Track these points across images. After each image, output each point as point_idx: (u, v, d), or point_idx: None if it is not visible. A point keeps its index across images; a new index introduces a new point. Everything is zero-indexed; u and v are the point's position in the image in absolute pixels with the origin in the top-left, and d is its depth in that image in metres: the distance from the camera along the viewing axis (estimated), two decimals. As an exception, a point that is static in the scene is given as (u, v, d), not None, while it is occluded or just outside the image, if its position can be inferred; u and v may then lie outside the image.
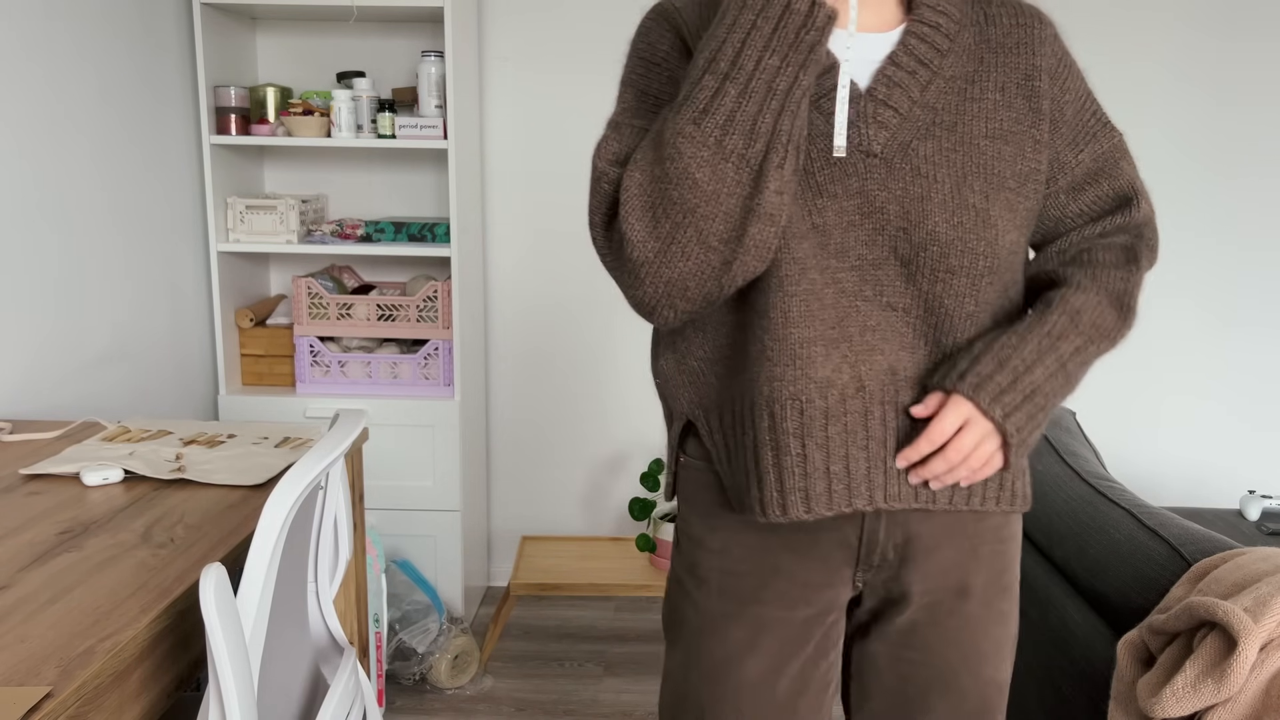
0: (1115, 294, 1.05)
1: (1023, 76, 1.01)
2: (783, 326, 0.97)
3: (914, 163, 0.96)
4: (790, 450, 0.98)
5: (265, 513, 1.10)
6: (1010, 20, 1.03)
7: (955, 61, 1.00)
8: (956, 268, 0.97)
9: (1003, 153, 0.99)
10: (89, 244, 2.19)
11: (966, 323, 1.00)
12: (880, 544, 1.04)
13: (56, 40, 2.06)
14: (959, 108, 0.99)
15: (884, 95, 0.97)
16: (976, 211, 0.96)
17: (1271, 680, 1.12)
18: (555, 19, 2.83)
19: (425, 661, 2.45)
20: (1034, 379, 0.98)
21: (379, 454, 2.65)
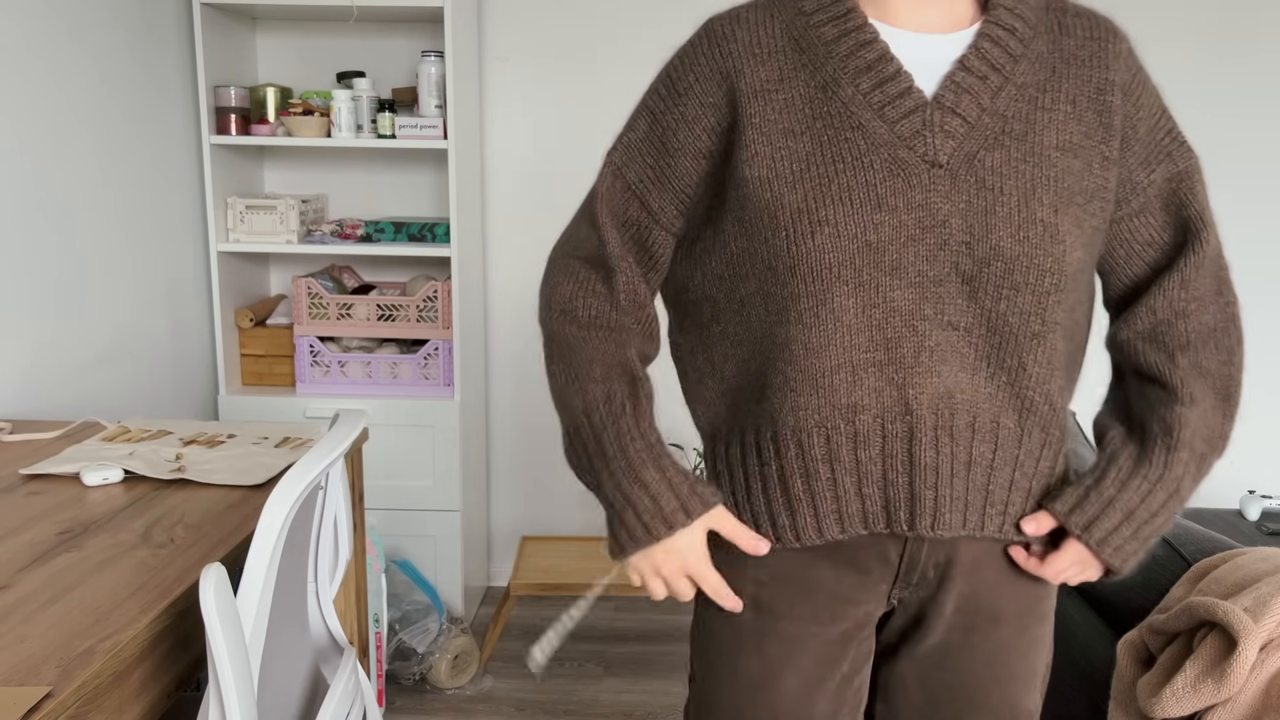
0: (1221, 385, 1.01)
1: (1095, 90, 0.97)
2: (804, 358, 0.95)
3: (980, 174, 0.93)
4: (820, 475, 0.97)
5: (265, 513, 1.10)
6: (1085, 32, 0.99)
7: (1028, 69, 0.96)
8: (1021, 284, 0.94)
9: (1072, 166, 0.95)
10: (89, 244, 2.19)
11: (1032, 342, 0.96)
12: (921, 563, 1.01)
13: (57, 40, 2.06)
14: (1030, 117, 0.95)
15: (952, 102, 0.94)
16: (1044, 226, 0.93)
17: (1271, 680, 1.12)
18: (555, 19, 2.83)
19: (425, 661, 2.45)
20: (1155, 526, 0.99)
21: (379, 454, 2.65)
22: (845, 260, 0.92)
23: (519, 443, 3.07)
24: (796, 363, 0.96)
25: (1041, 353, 0.96)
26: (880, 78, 0.94)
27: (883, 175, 0.93)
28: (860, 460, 0.96)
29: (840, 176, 0.93)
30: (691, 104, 1.00)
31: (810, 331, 0.94)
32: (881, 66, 0.94)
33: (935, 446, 0.95)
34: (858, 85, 0.95)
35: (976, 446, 0.96)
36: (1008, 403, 0.97)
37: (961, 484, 0.96)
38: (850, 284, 0.93)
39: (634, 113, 1.04)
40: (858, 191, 0.93)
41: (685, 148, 1.00)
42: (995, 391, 0.97)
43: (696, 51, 1.00)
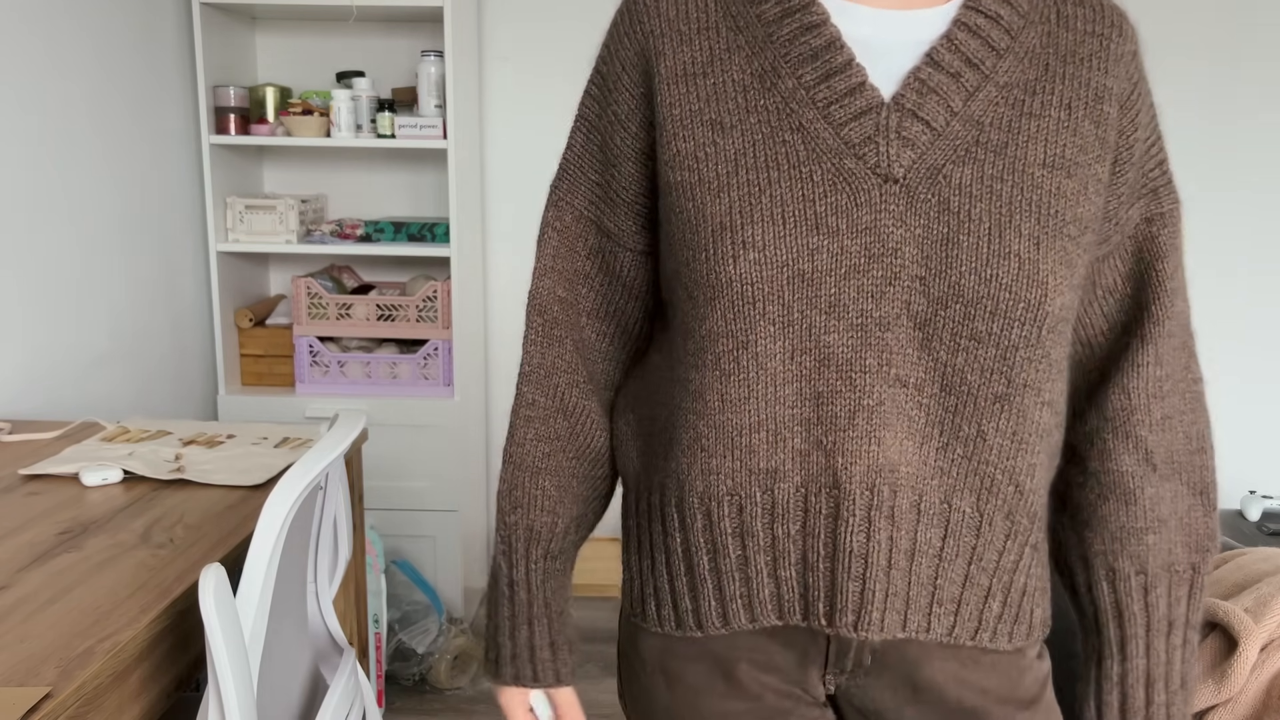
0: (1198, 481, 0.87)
1: (1093, 96, 0.79)
2: (719, 411, 0.79)
3: (944, 194, 0.75)
4: (729, 552, 0.81)
5: (265, 513, 1.09)
6: (1086, 25, 0.81)
7: (1014, 65, 0.79)
8: (984, 335, 0.75)
9: (1064, 188, 0.77)
10: (89, 244, 2.19)
11: (994, 407, 0.77)
12: (854, 648, 0.83)
13: (56, 40, 2.06)
14: (1012, 125, 0.77)
15: (914, 104, 0.77)
16: (1020, 262, 0.74)
17: (1272, 681, 1.11)
18: (555, 19, 2.83)
19: (425, 662, 2.45)
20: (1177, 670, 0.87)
21: (379, 454, 2.65)
22: (772, 294, 0.76)
23: (519, 443, 3.07)
24: (710, 416, 0.80)
25: (1006, 420, 0.78)
26: (827, 69, 0.78)
27: (823, 189, 0.76)
28: (777, 537, 0.79)
29: (773, 187, 0.76)
30: (623, 98, 0.85)
31: (729, 380, 0.78)
32: (829, 55, 0.78)
33: (867, 530, 0.77)
34: (800, 77, 0.78)
35: (922, 532, 0.78)
36: (962, 480, 0.79)
37: (901, 577, 0.78)
38: (777, 323, 0.76)
39: (572, 127, 0.90)
40: (791, 207, 0.75)
41: (626, 151, 0.85)
42: (948, 466, 0.78)
43: (619, 34, 0.85)
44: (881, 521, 0.77)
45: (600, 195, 0.88)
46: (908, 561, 0.78)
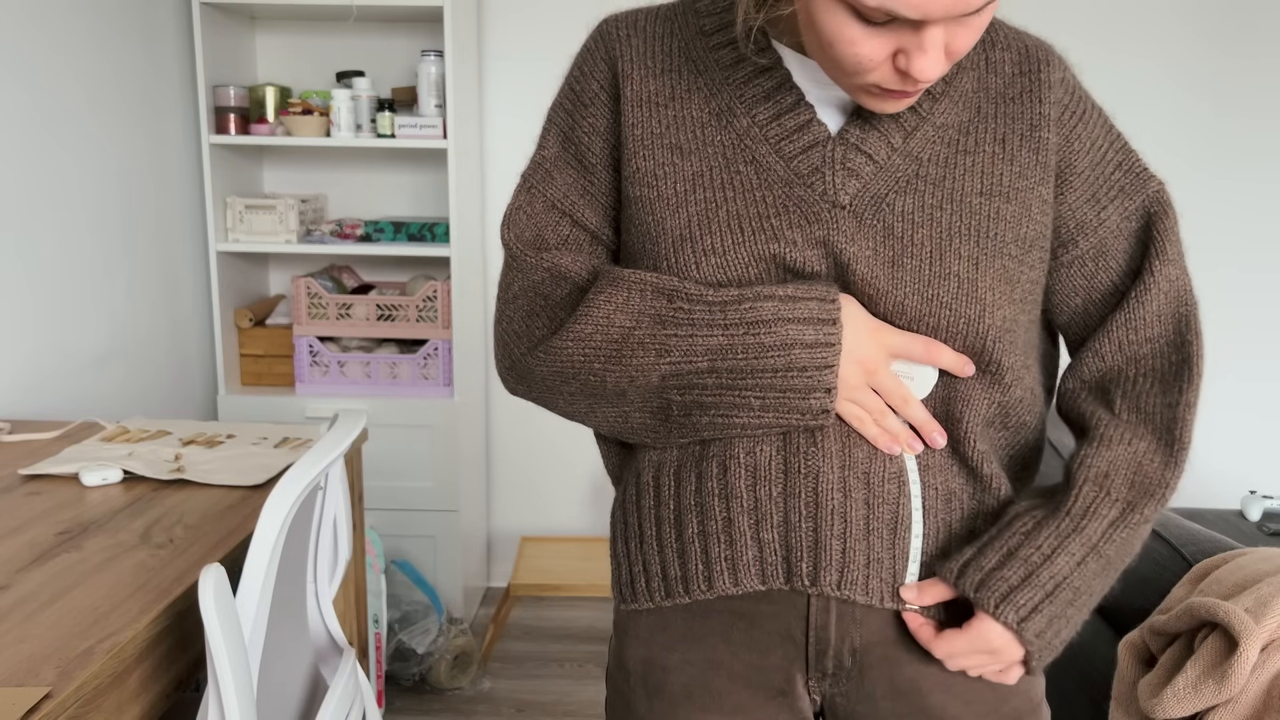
0: (1163, 428, 0.84)
1: (1028, 127, 0.85)
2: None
3: (888, 220, 0.81)
4: (715, 514, 0.83)
5: (264, 513, 1.09)
6: (1013, 68, 0.87)
7: (949, 108, 0.85)
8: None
9: (1002, 212, 0.82)
10: (88, 244, 2.19)
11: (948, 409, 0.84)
12: (833, 645, 0.85)
13: (55, 40, 2.06)
14: (948, 160, 0.83)
15: (857, 139, 0.83)
16: (959, 282, 0.80)
17: (1273, 681, 1.11)
18: (555, 18, 2.83)
19: (425, 662, 2.45)
20: (1056, 575, 0.80)
21: (378, 454, 2.65)
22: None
23: (519, 443, 3.07)
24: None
25: (960, 427, 0.84)
26: (779, 109, 0.84)
27: (777, 209, 0.82)
28: (760, 499, 0.82)
29: (729, 203, 0.82)
30: (600, 113, 0.89)
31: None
32: (780, 95, 0.84)
33: (844, 490, 0.81)
34: (754, 116, 0.84)
35: (903, 504, 0.82)
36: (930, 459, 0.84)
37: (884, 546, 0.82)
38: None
39: (542, 131, 0.94)
40: (749, 221, 0.81)
41: (604, 160, 0.90)
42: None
43: (594, 57, 0.91)
44: (855, 483, 0.81)
45: (577, 194, 0.91)
46: (890, 533, 0.82)
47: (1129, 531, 0.82)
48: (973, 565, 0.81)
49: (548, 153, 0.92)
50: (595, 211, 0.91)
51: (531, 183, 0.92)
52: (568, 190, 0.91)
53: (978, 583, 0.80)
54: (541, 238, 0.91)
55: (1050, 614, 0.80)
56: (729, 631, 0.86)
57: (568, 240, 0.91)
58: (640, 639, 0.90)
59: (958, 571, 0.81)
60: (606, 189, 0.90)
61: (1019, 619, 0.79)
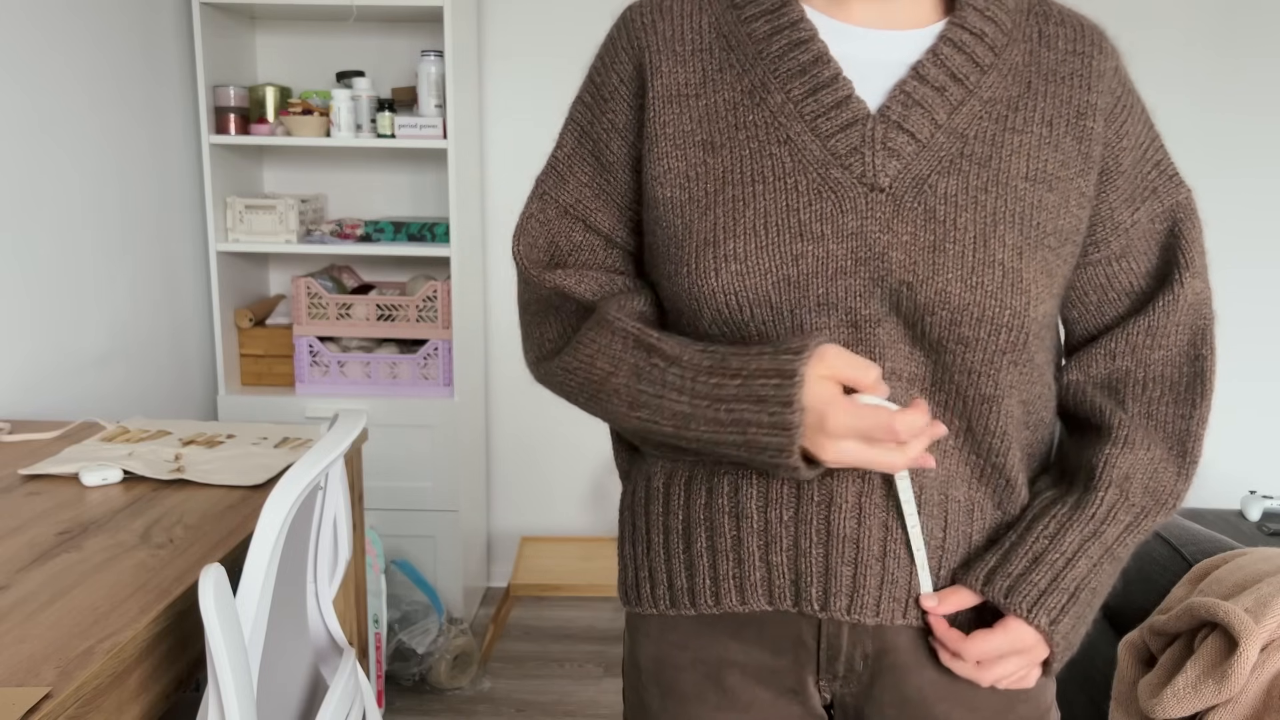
0: (1176, 439, 0.84)
1: (1074, 113, 0.82)
2: None
3: (929, 203, 0.77)
4: (725, 532, 0.82)
5: (264, 513, 1.09)
6: (1068, 45, 0.83)
7: (997, 81, 0.81)
8: (970, 340, 0.77)
9: (1045, 201, 0.79)
10: (88, 244, 2.19)
11: (983, 407, 0.80)
12: (844, 651, 0.84)
13: (55, 40, 2.06)
14: (996, 139, 0.79)
15: (899, 116, 0.79)
16: (1004, 271, 0.76)
17: (1272, 681, 1.11)
18: (555, 18, 2.83)
19: (425, 662, 2.45)
20: (1077, 575, 0.80)
21: (378, 454, 2.65)
22: (758, 299, 0.78)
23: (519, 443, 3.07)
24: None
25: (993, 420, 0.81)
26: (814, 83, 0.80)
27: (809, 198, 0.78)
28: (770, 521, 0.81)
29: (758, 200, 0.78)
30: (620, 109, 0.86)
31: None
32: (816, 70, 0.80)
33: (858, 517, 0.79)
34: (788, 91, 0.80)
35: (924, 522, 0.81)
36: (955, 470, 0.82)
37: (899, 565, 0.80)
38: (769, 323, 0.78)
39: (562, 127, 0.91)
40: (775, 218, 0.77)
41: (622, 159, 0.87)
42: (941, 458, 0.81)
43: (615, 48, 0.87)
44: (872, 508, 0.79)
45: (591, 195, 0.89)
46: (907, 552, 0.80)
47: (1139, 537, 0.83)
48: (999, 572, 0.80)
49: (563, 151, 0.90)
50: (609, 213, 0.89)
51: (544, 188, 0.91)
52: (581, 192, 0.89)
53: (1007, 589, 0.79)
54: (555, 246, 0.90)
55: (1074, 615, 0.80)
56: (741, 631, 0.86)
57: (579, 247, 0.90)
58: (651, 638, 0.90)
59: (984, 579, 0.80)
60: (623, 188, 0.88)
61: (1050, 622, 0.79)
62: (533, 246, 0.90)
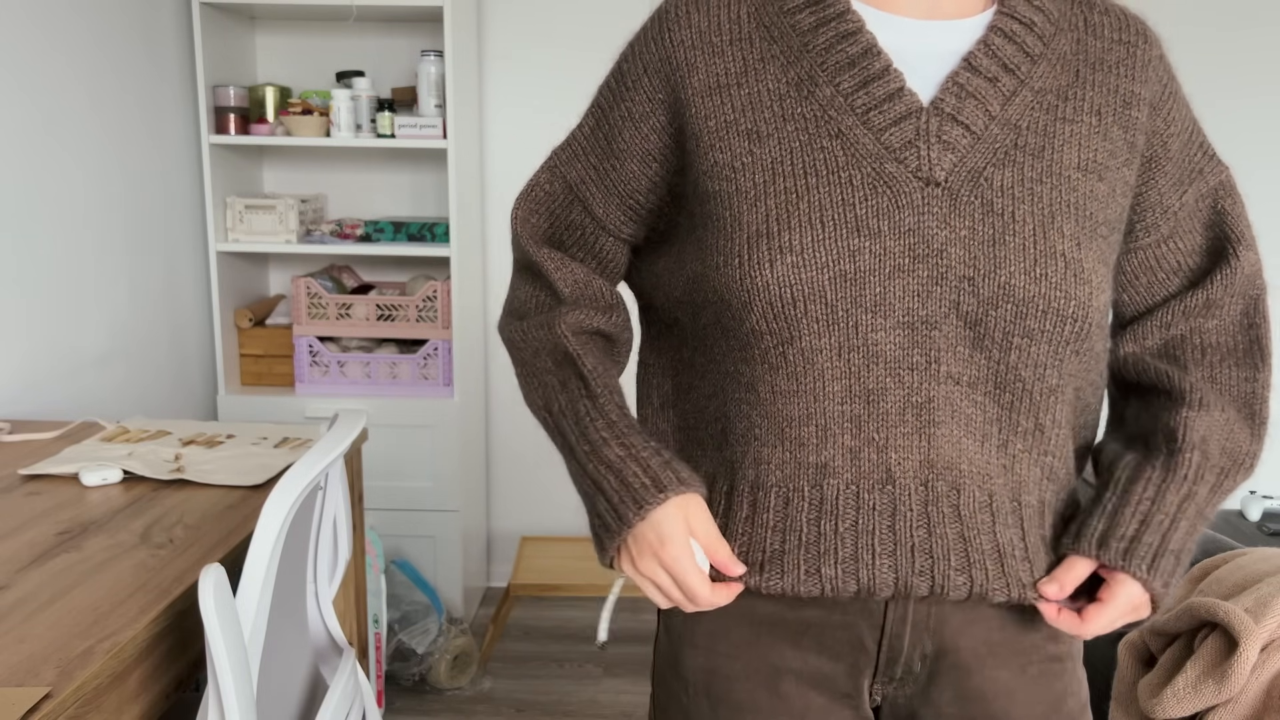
0: (1243, 401, 0.86)
1: (1121, 103, 0.82)
2: (771, 401, 0.80)
3: (987, 196, 0.76)
4: (767, 545, 0.80)
5: (264, 513, 1.09)
6: (1113, 34, 0.84)
7: (1047, 71, 0.81)
8: (1036, 332, 0.77)
9: (1097, 191, 0.79)
10: (88, 244, 2.19)
11: (1050, 399, 0.80)
12: (904, 653, 0.84)
13: (55, 40, 2.06)
14: (1048, 129, 0.79)
15: (954, 108, 0.78)
16: (1067, 262, 0.76)
17: (1272, 681, 1.11)
18: (555, 18, 2.83)
19: (425, 662, 2.45)
20: (1179, 535, 0.81)
21: (378, 454, 2.65)
22: (813, 294, 0.76)
23: (519, 443, 3.07)
24: (763, 406, 0.80)
25: (1060, 411, 0.81)
26: (865, 76, 0.79)
27: (864, 193, 0.77)
28: (824, 533, 0.79)
29: (812, 193, 0.77)
30: (639, 99, 0.86)
31: (777, 374, 0.79)
32: (867, 62, 0.79)
33: (927, 526, 0.77)
34: (838, 84, 0.79)
35: (1001, 532, 0.79)
36: (1025, 474, 0.81)
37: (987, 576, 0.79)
38: (822, 321, 0.77)
39: (587, 109, 0.92)
40: (831, 211, 0.76)
41: (631, 149, 0.87)
42: (1010, 463, 0.80)
43: (647, 39, 0.86)
44: (945, 514, 0.78)
45: (594, 179, 0.90)
46: (996, 564, 0.78)
47: (1222, 498, 0.84)
48: (1112, 535, 0.79)
49: (582, 131, 0.91)
50: (608, 201, 0.89)
51: (556, 161, 0.92)
52: (587, 174, 0.90)
53: (1123, 551, 0.79)
54: (554, 218, 0.92)
55: (1179, 573, 0.81)
56: (798, 638, 0.85)
57: (574, 226, 0.91)
58: (700, 648, 0.88)
59: (1097, 543, 0.79)
60: (627, 178, 0.88)
61: (1163, 584, 0.79)
62: (533, 212, 0.93)
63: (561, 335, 0.87)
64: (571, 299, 0.90)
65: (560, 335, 0.87)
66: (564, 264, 0.91)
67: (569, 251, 0.93)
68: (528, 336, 0.90)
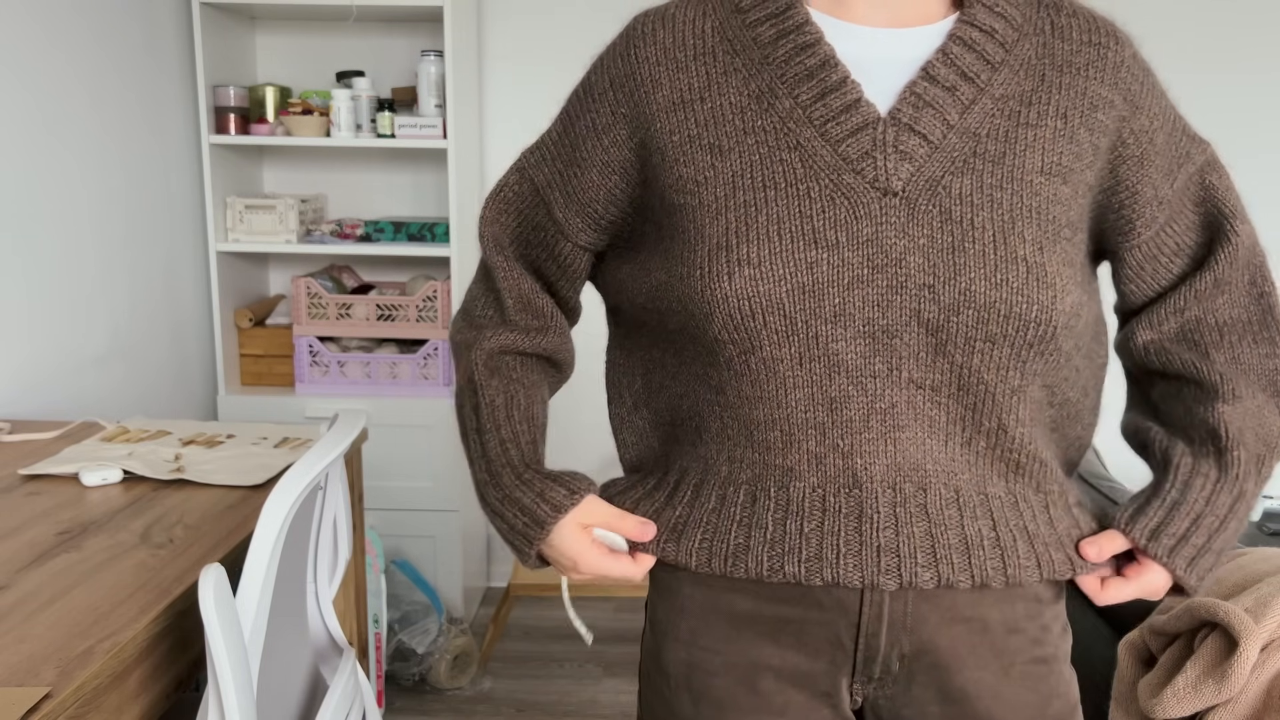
0: (1268, 379, 0.87)
1: (1088, 105, 0.82)
2: (738, 405, 0.82)
3: (945, 204, 0.77)
4: (731, 540, 0.83)
5: (264, 513, 1.09)
6: (1082, 36, 0.83)
7: (1009, 77, 0.81)
8: (999, 336, 0.77)
9: (1060, 194, 0.80)
10: (88, 244, 2.19)
11: (1013, 399, 0.80)
12: (882, 652, 0.84)
13: (55, 40, 2.06)
14: (1009, 135, 0.79)
15: (910, 118, 0.79)
16: (1029, 266, 0.77)
17: (1272, 681, 1.11)
18: (555, 18, 2.83)
19: (425, 662, 2.45)
20: (1227, 535, 0.84)
21: (378, 454, 2.65)
22: (772, 306, 0.77)
23: (519, 443, 3.07)
24: (731, 409, 0.82)
25: (1024, 410, 0.81)
26: (823, 87, 0.80)
27: (822, 205, 0.77)
28: (789, 532, 0.81)
29: (770, 205, 0.78)
30: (603, 112, 0.87)
31: (742, 379, 0.81)
32: (825, 74, 0.80)
33: (894, 527, 0.79)
34: (797, 96, 0.80)
35: (969, 525, 0.81)
36: (990, 468, 0.82)
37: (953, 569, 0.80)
38: (781, 332, 0.78)
39: (558, 113, 0.94)
40: (789, 223, 0.77)
41: (593, 159, 0.88)
42: (974, 459, 0.81)
43: (615, 54, 0.88)
44: (913, 513, 0.80)
45: (559, 184, 0.91)
46: (962, 556, 0.80)
47: (1263, 485, 0.86)
48: (1165, 531, 0.83)
49: (550, 136, 0.93)
50: (569, 208, 0.91)
51: (525, 164, 0.94)
52: (552, 179, 0.92)
53: (1170, 549, 0.83)
54: (521, 218, 0.94)
55: (1210, 560, 0.84)
56: (777, 635, 0.85)
57: (539, 227, 0.93)
58: (681, 641, 0.89)
59: (1149, 534, 0.83)
60: (587, 187, 0.89)
61: (1198, 579, 0.84)
62: (502, 212, 0.95)
63: (474, 361, 0.92)
64: (511, 314, 0.94)
65: (473, 361, 0.92)
66: (511, 273, 0.94)
67: (533, 252, 0.95)
68: (458, 352, 0.95)
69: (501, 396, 0.91)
